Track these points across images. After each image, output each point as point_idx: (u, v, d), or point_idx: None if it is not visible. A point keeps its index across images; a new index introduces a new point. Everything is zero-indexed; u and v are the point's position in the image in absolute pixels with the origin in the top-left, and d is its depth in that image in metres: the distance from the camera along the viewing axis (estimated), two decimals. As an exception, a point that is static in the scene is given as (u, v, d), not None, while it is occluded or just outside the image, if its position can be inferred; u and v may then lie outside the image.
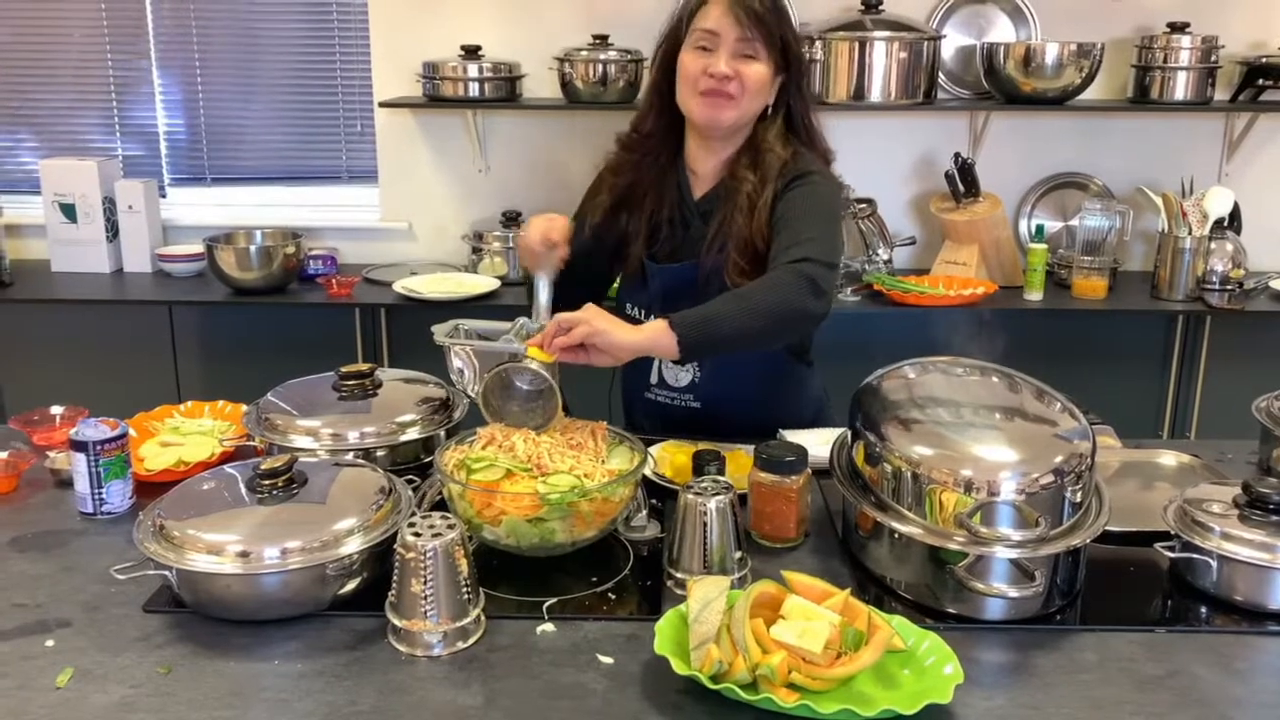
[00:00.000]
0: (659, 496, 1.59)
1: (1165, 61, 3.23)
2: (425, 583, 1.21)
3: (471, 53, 3.32)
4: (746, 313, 1.56)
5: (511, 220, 3.43)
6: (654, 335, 1.52)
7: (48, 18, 3.61)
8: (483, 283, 3.27)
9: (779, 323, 1.59)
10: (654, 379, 1.89)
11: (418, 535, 1.22)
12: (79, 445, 1.54)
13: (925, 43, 3.19)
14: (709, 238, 1.77)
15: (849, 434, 1.52)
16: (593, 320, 1.49)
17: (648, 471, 1.53)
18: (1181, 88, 3.24)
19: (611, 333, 1.49)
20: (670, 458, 1.71)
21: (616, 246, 1.87)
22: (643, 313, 1.86)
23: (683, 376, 1.86)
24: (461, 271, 3.45)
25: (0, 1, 3.59)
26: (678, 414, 1.88)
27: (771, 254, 1.68)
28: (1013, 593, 1.27)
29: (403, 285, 3.21)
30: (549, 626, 1.28)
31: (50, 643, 1.24)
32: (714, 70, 1.69)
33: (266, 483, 1.36)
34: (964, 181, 3.29)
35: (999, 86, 3.28)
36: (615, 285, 1.97)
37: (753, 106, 1.75)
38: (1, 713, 1.11)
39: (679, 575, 1.36)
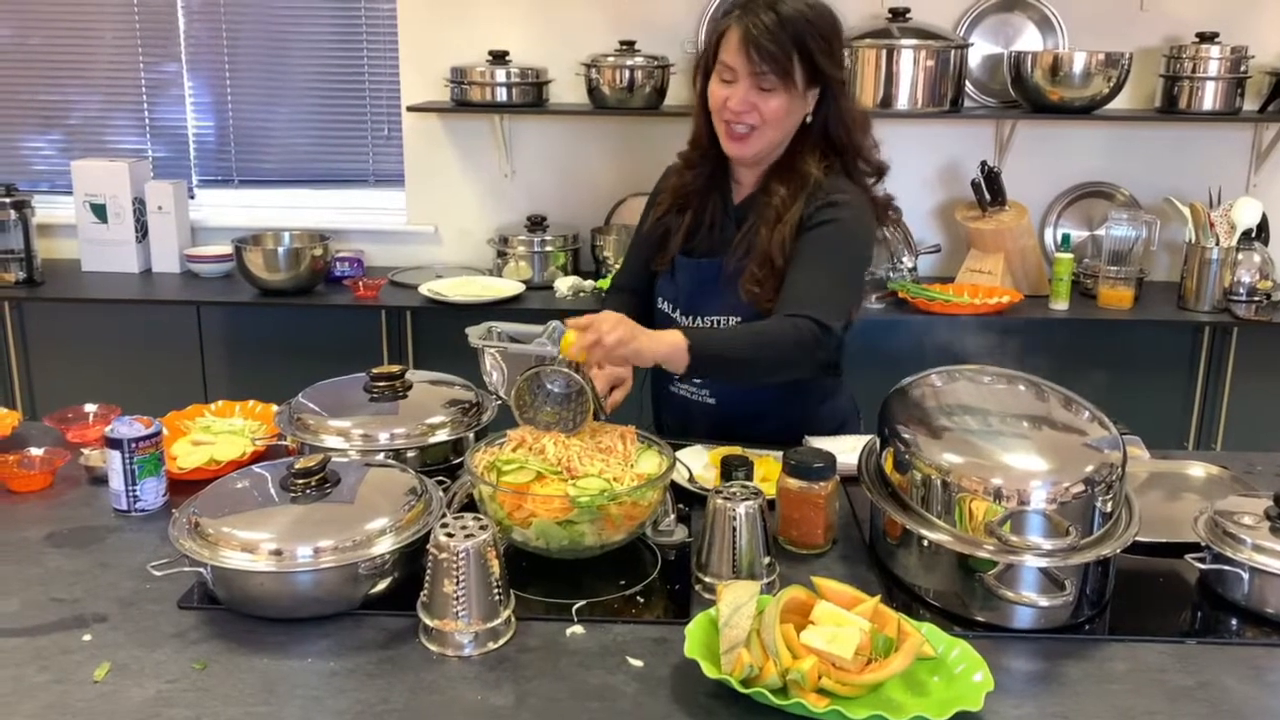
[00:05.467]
0: (686, 501, 1.59)
1: (1194, 71, 3.22)
2: (457, 583, 1.22)
3: (499, 58, 3.34)
4: (757, 348, 1.68)
5: (537, 225, 3.44)
6: (671, 350, 1.60)
7: (81, 21, 3.66)
8: (508, 286, 3.29)
9: (775, 373, 1.72)
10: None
11: (451, 536, 1.23)
12: (114, 443, 1.56)
13: (952, 51, 3.19)
14: (735, 242, 1.82)
15: (877, 441, 1.52)
16: (620, 328, 1.54)
17: (677, 477, 1.54)
18: (1210, 98, 3.23)
19: (637, 341, 1.56)
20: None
21: (661, 241, 1.93)
22: (670, 306, 1.93)
23: None
24: (487, 275, 3.46)
25: (35, 4, 3.64)
26: (697, 409, 1.93)
27: (787, 292, 1.73)
28: (1042, 601, 1.27)
29: (428, 288, 3.23)
30: (578, 629, 1.29)
31: (87, 637, 1.25)
32: (731, 104, 1.74)
33: (300, 482, 1.37)
34: (990, 190, 3.29)
35: (1026, 95, 3.27)
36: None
37: (776, 135, 1.78)
38: (42, 705, 1.13)
39: (708, 580, 1.36)
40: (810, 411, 1.92)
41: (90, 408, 1.90)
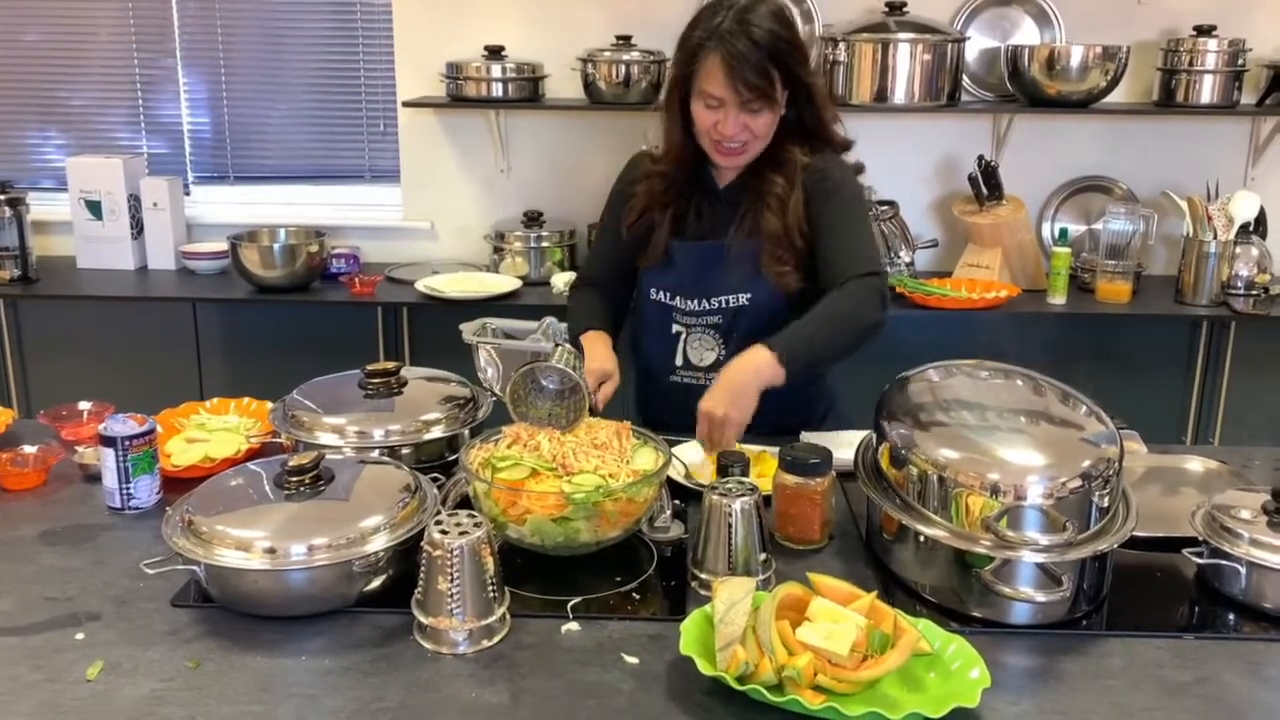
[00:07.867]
0: (682, 497, 1.59)
1: (1191, 65, 3.21)
2: (452, 580, 1.21)
3: (495, 53, 3.33)
4: (835, 330, 1.74)
5: (533, 220, 3.43)
6: (761, 369, 1.65)
7: (76, 17, 3.64)
8: (504, 282, 3.28)
9: (859, 336, 1.76)
10: (679, 361, 1.95)
11: (445, 533, 1.22)
12: (108, 441, 1.55)
13: (949, 45, 3.18)
14: (736, 224, 1.87)
15: (874, 436, 1.51)
16: (724, 411, 1.61)
17: (673, 473, 1.53)
18: (1207, 91, 3.22)
19: (739, 400, 1.62)
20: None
21: (643, 238, 1.95)
22: (668, 295, 1.94)
23: (708, 355, 1.92)
24: (483, 271, 3.46)
25: (30, 1, 3.62)
26: (696, 394, 1.91)
27: (832, 263, 1.81)
28: (1039, 597, 1.26)
29: (425, 284, 3.22)
30: (574, 625, 1.29)
31: (80, 636, 1.25)
32: (724, 130, 1.79)
33: (294, 479, 1.37)
34: (987, 184, 3.28)
35: (1023, 89, 3.26)
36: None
37: (765, 144, 1.84)
38: (35, 704, 1.12)
39: (704, 576, 1.36)
40: (805, 390, 1.95)
41: (84, 405, 1.90)
